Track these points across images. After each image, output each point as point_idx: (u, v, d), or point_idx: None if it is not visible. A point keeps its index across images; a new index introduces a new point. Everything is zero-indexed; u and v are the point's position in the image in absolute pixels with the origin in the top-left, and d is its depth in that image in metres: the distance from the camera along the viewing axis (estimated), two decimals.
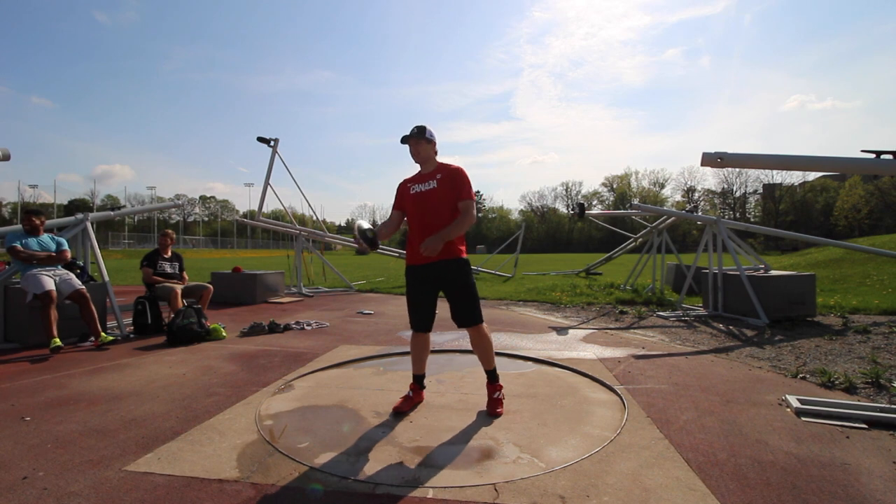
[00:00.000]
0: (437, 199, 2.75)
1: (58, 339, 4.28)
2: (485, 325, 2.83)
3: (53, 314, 4.41)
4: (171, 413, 2.80)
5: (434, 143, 2.88)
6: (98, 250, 5.58)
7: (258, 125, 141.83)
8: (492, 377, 2.90)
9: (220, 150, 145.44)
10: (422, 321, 2.86)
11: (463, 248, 2.83)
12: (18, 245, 4.58)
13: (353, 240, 2.78)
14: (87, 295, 4.75)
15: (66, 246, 4.94)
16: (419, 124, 2.83)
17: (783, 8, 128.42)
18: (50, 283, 4.52)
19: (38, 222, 4.84)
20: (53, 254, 4.76)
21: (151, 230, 64.87)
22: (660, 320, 6.15)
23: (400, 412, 2.77)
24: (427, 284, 2.81)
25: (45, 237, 4.85)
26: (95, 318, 4.76)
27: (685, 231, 55.97)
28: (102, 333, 4.73)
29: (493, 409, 2.78)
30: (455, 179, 2.77)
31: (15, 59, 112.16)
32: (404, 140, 2.82)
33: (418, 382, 2.97)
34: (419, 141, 2.81)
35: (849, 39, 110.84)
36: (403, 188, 2.93)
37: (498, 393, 2.88)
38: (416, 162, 2.87)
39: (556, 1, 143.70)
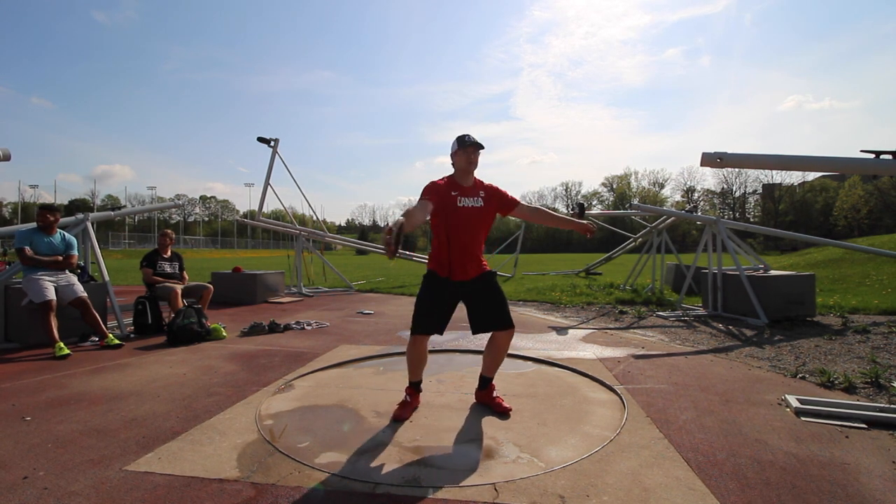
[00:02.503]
0: (482, 219, 2.73)
1: (63, 346, 4.27)
2: None
3: (53, 321, 4.39)
4: (172, 413, 2.80)
5: None
6: (98, 250, 5.58)
7: (258, 125, 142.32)
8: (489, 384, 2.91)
9: (220, 150, 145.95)
10: (440, 325, 2.74)
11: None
12: (27, 248, 4.55)
13: (386, 242, 2.19)
14: (89, 301, 4.74)
15: (75, 249, 4.90)
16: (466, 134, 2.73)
17: (784, 7, 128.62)
18: (50, 292, 4.48)
19: (52, 219, 4.77)
20: (60, 258, 4.73)
21: (151, 230, 64.89)
22: (659, 320, 6.15)
23: (400, 419, 2.69)
24: (457, 297, 2.76)
25: (56, 236, 4.80)
26: (98, 320, 4.76)
27: (685, 231, 55.95)
28: (109, 335, 4.73)
29: (502, 407, 2.80)
30: (498, 195, 2.79)
31: (14, 60, 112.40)
32: (479, 146, 2.71)
33: (417, 389, 2.89)
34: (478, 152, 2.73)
35: (848, 39, 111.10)
36: (447, 194, 2.66)
37: (496, 392, 2.91)
38: (470, 171, 2.74)
39: (555, 0, 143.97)
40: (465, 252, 2.69)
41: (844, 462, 2.14)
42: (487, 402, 2.88)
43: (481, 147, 2.72)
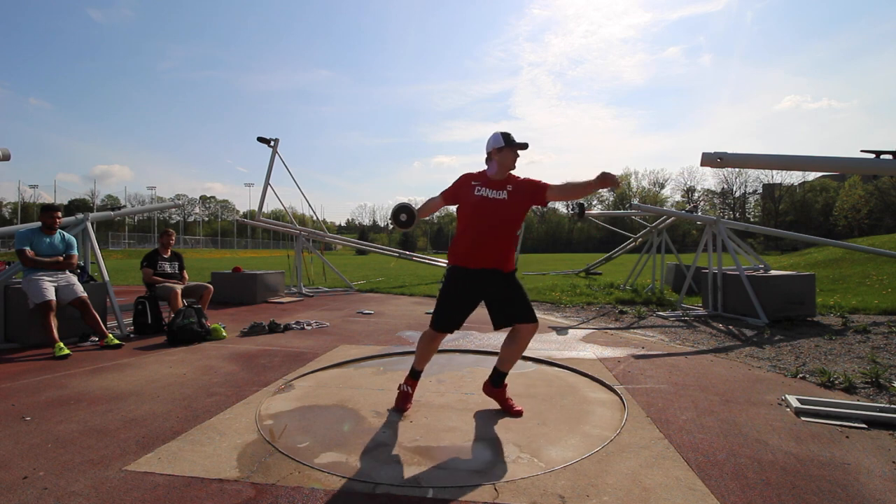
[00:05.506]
0: (501, 211, 2.71)
1: (63, 346, 4.27)
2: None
3: (53, 321, 4.40)
4: (172, 413, 2.80)
5: None
6: (98, 250, 5.58)
7: (258, 125, 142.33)
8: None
9: (220, 149, 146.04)
10: (457, 323, 2.78)
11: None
12: (28, 249, 4.56)
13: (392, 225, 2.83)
14: (89, 302, 4.74)
15: (75, 249, 4.90)
16: (506, 132, 2.75)
17: (784, 6, 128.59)
18: (49, 293, 4.49)
19: (55, 220, 4.78)
20: (61, 259, 4.73)
21: (151, 230, 64.89)
22: (659, 320, 6.15)
23: (403, 410, 2.78)
24: (476, 292, 2.76)
25: (56, 236, 4.80)
26: (98, 321, 4.76)
27: (685, 231, 55.94)
28: (109, 335, 4.73)
29: (514, 410, 2.79)
30: (528, 187, 2.73)
31: (11, 60, 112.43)
32: (523, 146, 2.74)
33: (418, 378, 2.92)
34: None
35: (847, 39, 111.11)
36: (467, 184, 2.75)
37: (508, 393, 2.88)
38: (507, 170, 2.76)
39: None
40: (477, 242, 2.69)
41: (844, 462, 2.14)
42: (498, 401, 2.85)
43: (523, 147, 2.75)
